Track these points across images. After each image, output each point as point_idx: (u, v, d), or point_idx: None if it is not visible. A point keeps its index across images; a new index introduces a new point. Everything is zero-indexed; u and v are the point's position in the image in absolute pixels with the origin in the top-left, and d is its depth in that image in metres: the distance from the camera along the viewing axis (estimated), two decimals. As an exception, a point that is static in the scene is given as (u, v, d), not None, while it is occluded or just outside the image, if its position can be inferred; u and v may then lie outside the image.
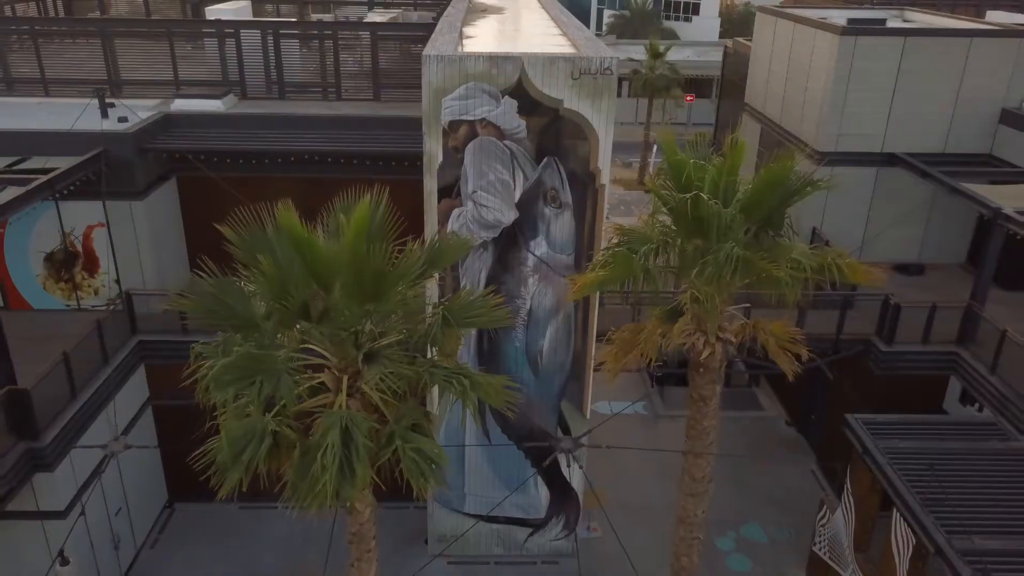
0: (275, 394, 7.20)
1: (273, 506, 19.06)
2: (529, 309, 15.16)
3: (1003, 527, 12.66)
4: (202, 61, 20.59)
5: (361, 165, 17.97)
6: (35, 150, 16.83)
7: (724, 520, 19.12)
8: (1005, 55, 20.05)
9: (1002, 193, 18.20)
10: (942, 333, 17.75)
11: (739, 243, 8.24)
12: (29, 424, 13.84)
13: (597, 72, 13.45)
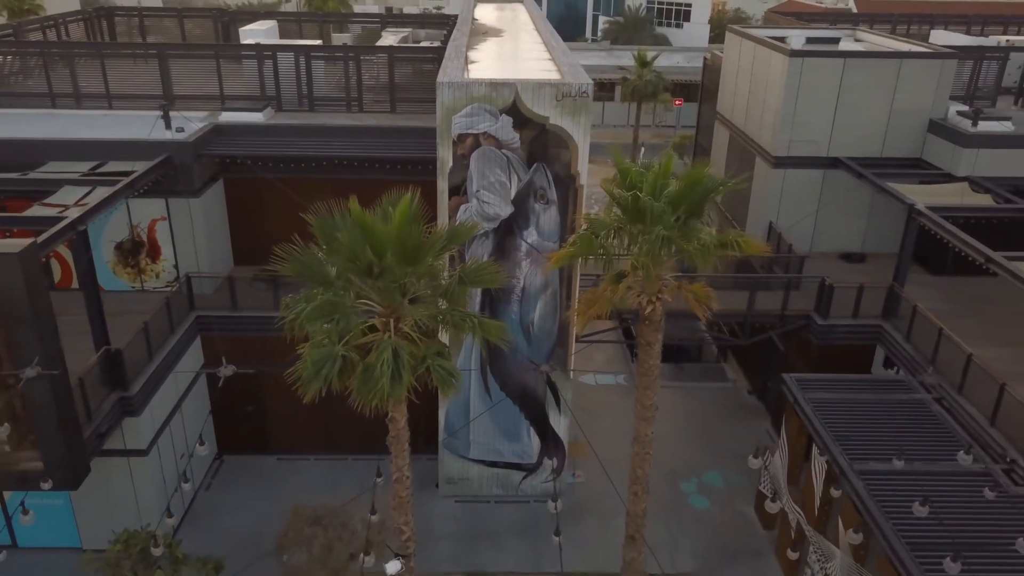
0: (345, 328, 10.53)
1: (305, 458, 22.59)
2: (522, 287, 18.57)
3: (894, 446, 16.00)
4: (244, 79, 23.93)
5: (380, 168, 21.25)
6: (112, 156, 20.15)
7: (689, 469, 22.55)
8: (930, 74, 23.42)
9: (922, 191, 21.61)
10: (870, 310, 21.14)
11: (667, 227, 11.59)
12: (121, 377, 17.23)
13: (576, 95, 16.84)
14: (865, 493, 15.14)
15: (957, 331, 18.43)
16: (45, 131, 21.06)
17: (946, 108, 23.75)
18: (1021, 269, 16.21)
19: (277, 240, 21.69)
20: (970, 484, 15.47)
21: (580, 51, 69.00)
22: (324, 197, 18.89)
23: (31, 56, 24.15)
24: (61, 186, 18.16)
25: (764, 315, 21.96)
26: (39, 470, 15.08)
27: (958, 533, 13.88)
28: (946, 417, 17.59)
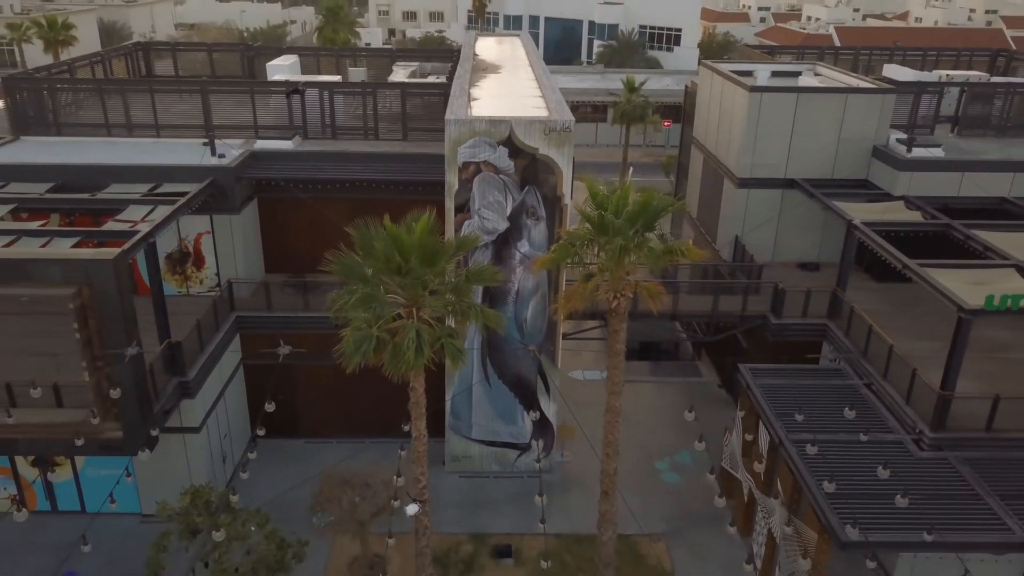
0: (378, 315, 13.84)
1: (329, 441, 25.76)
2: (517, 290, 21.94)
3: (824, 428, 19.33)
4: (274, 110, 27.39)
5: (393, 189, 24.68)
6: (166, 179, 23.51)
7: (662, 451, 25.83)
8: (873, 106, 26.89)
9: (863, 208, 24.96)
10: (819, 311, 24.49)
11: (625, 239, 14.90)
12: (180, 365, 20.56)
13: (561, 129, 20.29)
14: (797, 458, 18.44)
15: (892, 329, 21.73)
16: (106, 157, 24.51)
17: (887, 136, 27.16)
18: (928, 274, 19.57)
19: (303, 251, 25.37)
20: (885, 451, 18.79)
21: (575, 74, 72.95)
22: (344, 214, 22.53)
23: (91, 91, 27.59)
24: (127, 205, 21.55)
25: (727, 315, 25.34)
26: (119, 439, 18.41)
27: (869, 486, 17.19)
28: (872, 398, 20.93)
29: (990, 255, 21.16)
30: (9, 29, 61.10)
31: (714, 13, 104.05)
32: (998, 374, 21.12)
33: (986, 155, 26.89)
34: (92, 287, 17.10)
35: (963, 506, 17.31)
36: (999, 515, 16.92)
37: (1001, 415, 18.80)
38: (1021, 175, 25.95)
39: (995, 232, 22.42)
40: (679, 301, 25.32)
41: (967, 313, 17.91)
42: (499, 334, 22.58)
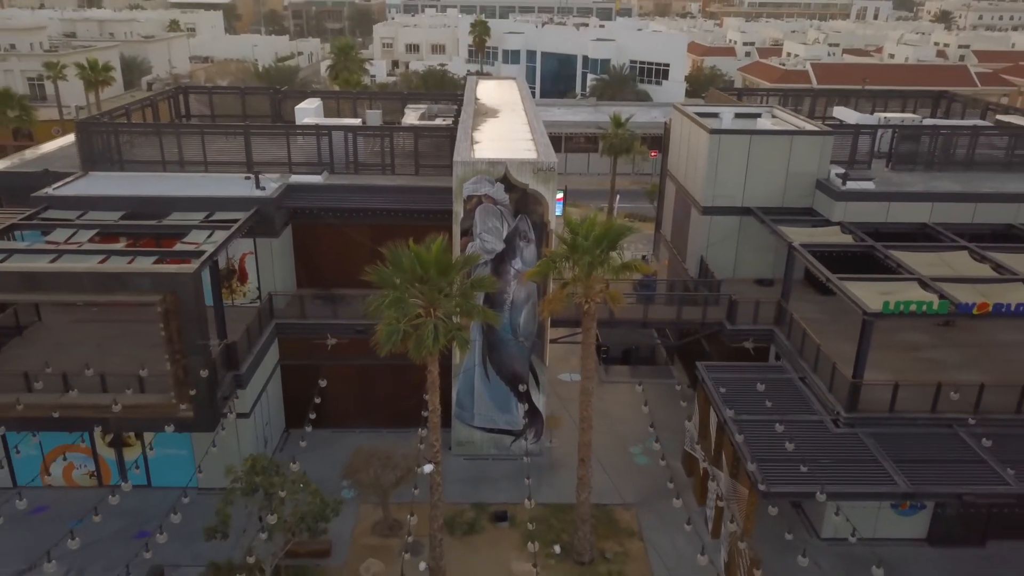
0: (404, 313, 18.35)
1: (351, 431, 30.21)
2: (511, 300, 26.50)
3: (760, 410, 23.78)
4: (305, 149, 32.07)
5: (407, 216, 29.29)
6: (218, 208, 28.09)
7: (636, 439, 30.22)
8: (814, 146, 31.59)
9: (805, 232, 29.54)
10: (766, 319, 29.03)
11: (592, 256, 19.40)
12: (235, 361, 25.07)
13: (546, 169, 24.97)
14: (741, 438, 22.89)
15: (825, 333, 26.22)
16: (165, 190, 29.14)
17: (828, 170, 31.83)
18: (845, 286, 24.14)
19: (329, 269, 29.90)
20: (812, 429, 23.29)
21: (569, 107, 78.12)
22: (365, 238, 27.30)
23: (150, 133, 32.30)
24: (191, 230, 26.15)
25: (690, 323, 29.93)
26: (190, 417, 22.89)
27: (791, 455, 21.65)
28: (804, 389, 25.46)
29: (901, 271, 25.75)
30: (46, 67, 66.14)
31: (702, 47, 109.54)
32: (907, 368, 25.63)
33: (910, 187, 31.57)
34: (175, 295, 21.68)
35: (865, 468, 21.79)
36: (891, 474, 21.37)
37: (901, 400, 23.32)
38: (940, 204, 30.59)
39: (909, 252, 27.03)
40: (649, 311, 29.95)
41: (868, 316, 22.49)
42: (497, 337, 27.22)
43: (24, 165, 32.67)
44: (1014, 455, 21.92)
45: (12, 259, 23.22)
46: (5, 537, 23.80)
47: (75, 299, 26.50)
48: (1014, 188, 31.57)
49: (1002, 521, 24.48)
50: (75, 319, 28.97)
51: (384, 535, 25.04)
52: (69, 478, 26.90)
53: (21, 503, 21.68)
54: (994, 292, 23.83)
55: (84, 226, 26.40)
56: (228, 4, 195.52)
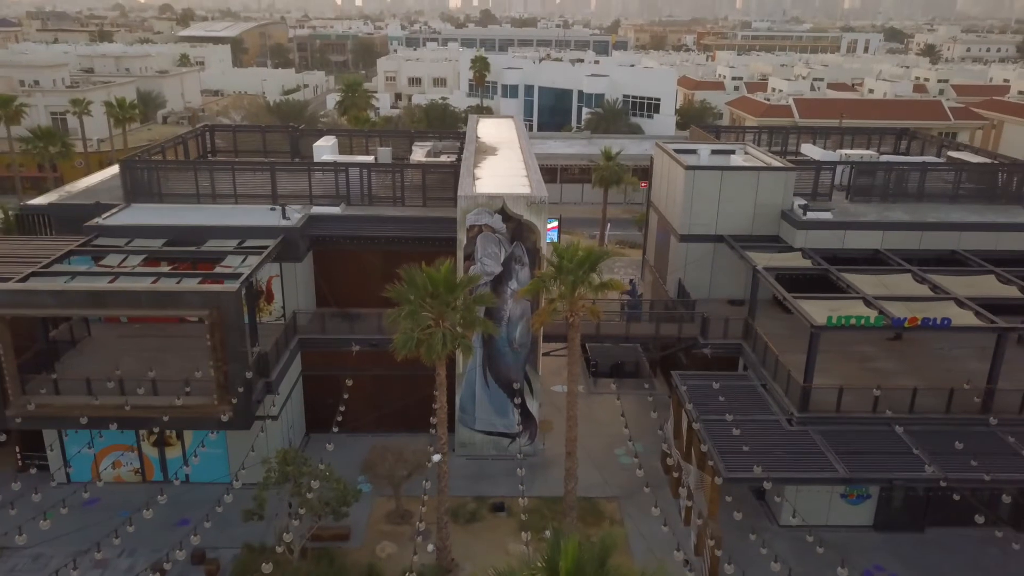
0: (417, 323, 21.94)
1: (366, 435, 33.78)
2: (508, 316, 30.13)
3: (725, 411, 27.27)
4: (325, 183, 35.85)
5: (416, 243, 33.00)
6: (249, 236, 31.81)
7: (620, 443, 33.63)
8: (779, 181, 35.39)
9: (770, 257, 33.24)
10: (736, 334, 32.63)
11: (575, 276, 23.01)
12: (266, 369, 28.64)
13: (539, 202, 28.72)
14: (707, 434, 26.40)
15: (786, 346, 29.72)
16: (201, 220, 32.85)
17: (791, 202, 35.60)
18: (798, 304, 27.77)
19: (346, 290, 33.48)
20: (768, 427, 26.83)
21: (565, 139, 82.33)
22: (379, 263, 30.96)
23: (186, 168, 36.10)
24: (226, 255, 29.85)
25: (668, 338, 33.55)
26: (230, 417, 26.42)
27: (755, 451, 25.17)
28: (764, 394, 29.03)
29: (850, 291, 29.42)
30: (72, 104, 70.36)
31: (693, 81, 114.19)
32: (858, 376, 29.19)
33: (864, 217, 35.34)
34: (220, 310, 25.32)
35: (812, 459, 25.28)
36: (833, 464, 24.86)
37: (846, 402, 26.89)
38: (889, 232, 34.35)
39: (859, 275, 30.70)
40: (631, 327, 33.61)
41: (815, 328, 26.13)
42: (496, 348, 30.83)
43: (72, 197, 36.54)
44: (940, 448, 25.38)
45: (76, 280, 26.94)
46: (67, 524, 27.13)
47: (132, 314, 30.11)
48: (957, 218, 35.36)
49: (939, 510, 27.92)
50: (120, 334, 32.59)
51: (396, 523, 28.46)
52: (117, 474, 30.33)
53: (86, 495, 25.13)
54: (927, 309, 27.48)
55: (133, 252, 30.14)
56: (235, 38, 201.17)
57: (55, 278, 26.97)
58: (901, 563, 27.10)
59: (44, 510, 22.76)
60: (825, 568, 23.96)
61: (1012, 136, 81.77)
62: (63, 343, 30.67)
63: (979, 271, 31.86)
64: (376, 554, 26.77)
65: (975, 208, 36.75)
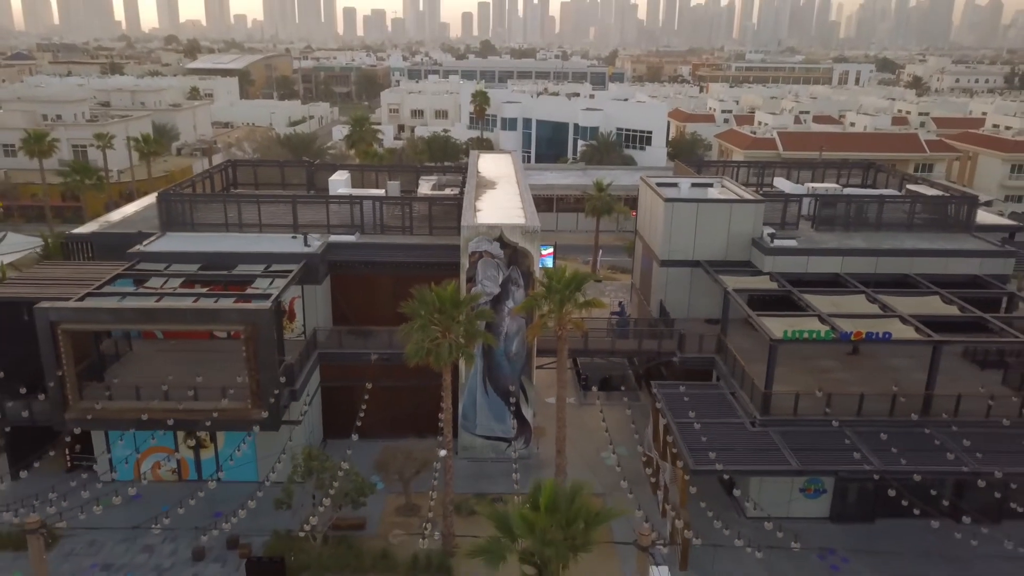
0: (427, 335, 25.71)
1: (378, 440, 37.42)
2: (505, 331, 33.96)
3: (696, 415, 31.00)
4: (341, 214, 39.81)
5: (423, 268, 36.85)
6: (274, 261, 35.69)
7: (606, 447, 37.31)
8: (749, 212, 39.35)
9: (740, 281, 37.10)
10: (709, 349, 36.41)
11: (561, 294, 26.77)
12: (292, 378, 32.39)
13: (532, 231, 32.66)
14: (679, 434, 30.10)
15: (754, 359, 33.48)
16: (230, 247, 36.74)
17: (761, 231, 39.54)
18: (760, 320, 31.58)
19: (360, 310, 37.30)
20: (734, 429, 30.54)
21: (561, 170, 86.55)
22: (390, 285, 34.86)
23: (217, 200, 40.10)
24: (256, 278, 33.73)
25: (649, 352, 37.33)
26: (262, 419, 30.12)
27: (720, 449, 28.87)
28: (732, 400, 32.77)
29: (808, 310, 33.25)
30: (96, 137, 74.72)
31: (684, 114, 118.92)
32: (815, 385, 32.90)
33: (826, 244, 39.28)
34: (255, 326, 29.14)
35: (770, 455, 28.98)
36: (787, 458, 28.55)
37: (802, 407, 30.63)
38: (848, 258, 38.26)
39: (818, 295, 34.55)
40: (616, 343, 37.42)
41: (773, 341, 29.94)
42: (495, 360, 34.61)
43: (111, 227, 40.54)
44: (883, 445, 29.09)
45: (125, 300, 30.81)
46: (118, 514, 30.80)
47: (177, 329, 33.88)
48: (910, 245, 39.30)
49: (888, 503, 31.45)
50: (158, 349, 36.36)
51: (406, 515, 32.04)
52: (156, 474, 33.95)
53: (132, 491, 28.83)
54: (874, 325, 31.33)
55: (172, 275, 34.04)
56: (242, 70, 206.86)
57: (107, 298, 30.83)
58: (856, 551, 30.64)
59: (95, 502, 26.38)
60: (785, 553, 27.60)
61: (985, 167, 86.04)
62: (110, 356, 34.44)
63: (927, 292, 35.74)
64: (389, 541, 30.35)
65: (928, 236, 40.71)
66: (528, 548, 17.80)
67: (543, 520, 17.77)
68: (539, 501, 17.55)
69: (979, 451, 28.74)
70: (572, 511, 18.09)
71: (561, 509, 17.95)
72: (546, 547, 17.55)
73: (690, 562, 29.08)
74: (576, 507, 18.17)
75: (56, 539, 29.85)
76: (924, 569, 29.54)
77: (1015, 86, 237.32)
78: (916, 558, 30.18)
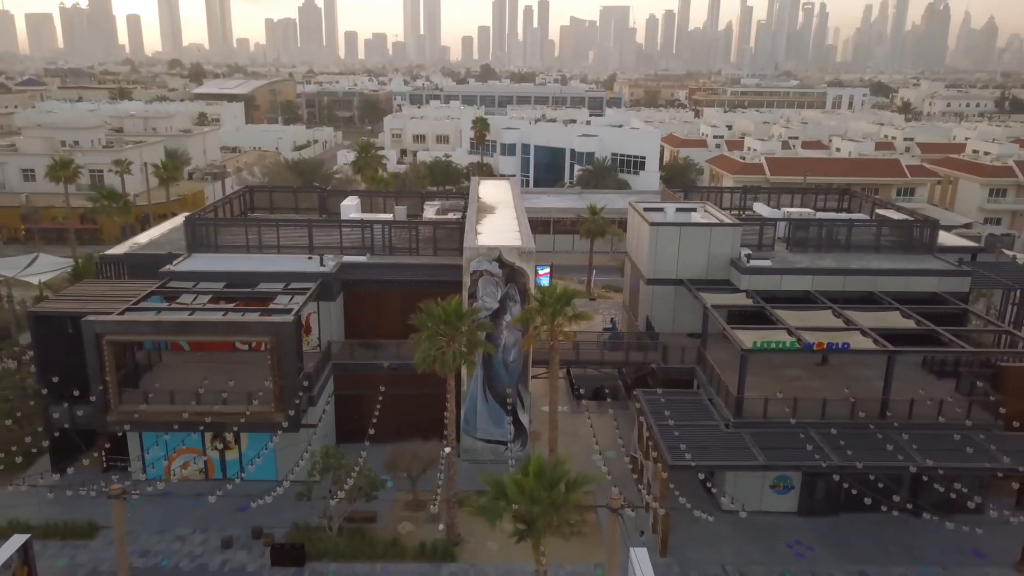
0: (434, 344, 29.08)
1: (387, 444, 40.75)
2: (504, 343, 37.36)
3: (675, 419, 34.33)
4: (353, 236, 43.33)
5: (428, 286, 40.25)
6: (293, 280, 39.14)
7: (595, 450, 40.54)
8: (728, 235, 42.88)
9: (718, 297, 40.51)
10: (690, 360, 39.78)
11: (554, 309, 30.13)
12: (311, 386, 35.73)
13: (528, 252, 36.16)
14: (658, 434, 33.41)
15: (731, 369, 36.63)
16: (252, 266, 40.19)
17: (739, 252, 43.03)
18: (734, 333, 34.98)
19: (370, 324, 40.88)
20: (709, 430, 33.86)
21: (558, 194, 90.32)
22: (398, 301, 38.38)
23: (239, 224, 43.64)
24: (277, 296, 37.18)
25: (636, 363, 40.70)
26: (283, 421, 33.44)
27: (696, 447, 32.18)
28: (709, 405, 36.11)
29: (779, 323, 36.66)
30: (115, 164, 78.55)
31: (678, 139, 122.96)
32: (785, 392, 36.24)
33: (798, 264, 42.77)
34: (279, 337, 32.54)
35: (740, 452, 32.28)
36: (756, 456, 31.85)
37: (771, 410, 33.96)
38: (818, 276, 41.73)
39: (788, 311, 37.99)
40: (606, 355, 40.81)
41: (744, 351, 33.34)
42: (494, 369, 37.98)
43: (141, 248, 44.07)
44: (842, 445, 32.38)
45: (162, 314, 34.23)
46: (149, 510, 34.05)
47: (209, 340, 37.23)
48: (876, 265, 42.78)
49: (851, 499, 34.71)
50: (185, 360, 39.73)
51: (413, 510, 35.27)
52: (185, 473, 37.18)
53: (161, 485, 32.06)
54: (836, 337, 34.74)
55: (201, 292, 37.50)
56: (247, 95, 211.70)
57: (145, 312, 34.27)
58: (818, 540, 33.83)
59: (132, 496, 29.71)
60: (756, 543, 30.81)
61: (965, 191, 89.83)
62: (143, 366, 37.81)
63: (888, 308, 39.17)
64: (398, 532, 33.55)
65: (892, 257, 44.21)
66: (520, 509, 21.17)
67: (531, 484, 21.32)
68: (529, 469, 20.96)
69: (925, 450, 32.02)
70: (555, 476, 21.63)
71: (546, 475, 21.42)
72: (533, 505, 20.93)
73: (669, 549, 32.28)
74: (558, 473, 21.63)
75: (97, 529, 33.06)
76: (881, 557, 32.70)
77: (1005, 110, 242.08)
78: (875, 548, 33.36)
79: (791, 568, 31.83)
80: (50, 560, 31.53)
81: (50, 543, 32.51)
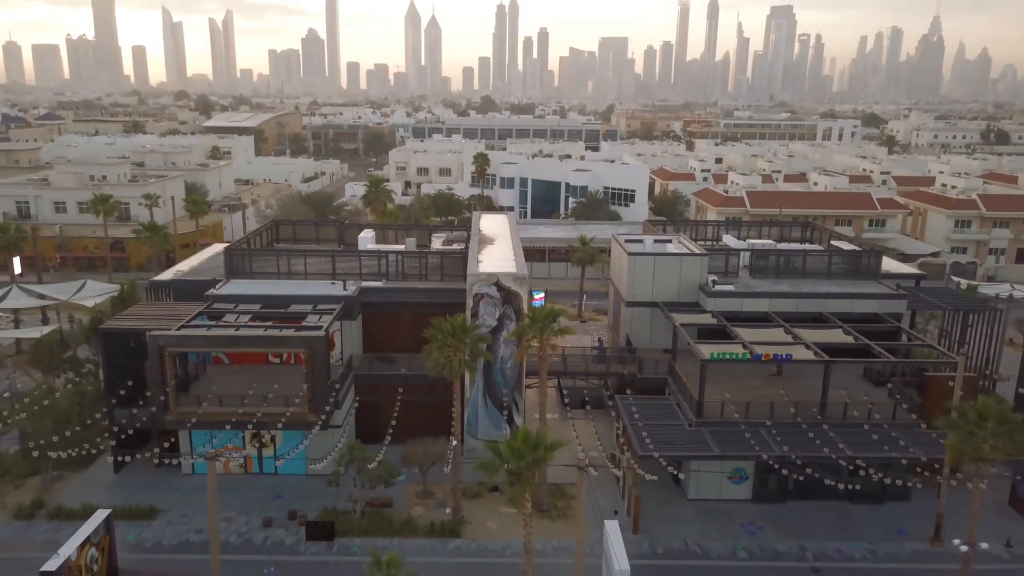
0: (443, 353, 35.32)
1: (402, 442, 46.98)
2: (501, 355, 43.60)
3: (646, 419, 40.48)
4: (370, 264, 49.71)
5: (436, 307, 46.53)
6: (320, 302, 45.46)
7: (582, 451, 46.60)
8: (696, 263, 49.27)
9: (687, 317, 46.81)
10: (663, 371, 45.98)
11: (542, 324, 36.38)
12: (337, 393, 41.91)
13: (521, 277, 42.55)
14: (630, 431, 39.53)
15: (696, 378, 42.95)
16: (284, 291, 46.56)
17: (707, 278, 49.38)
18: (696, 346, 41.21)
19: (386, 340, 47.44)
20: (675, 428, 40.03)
21: (553, 225, 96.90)
22: (410, 321, 45.05)
23: (271, 254, 50.06)
24: (307, 315, 43.51)
25: (616, 374, 46.93)
26: (315, 420, 39.59)
27: (662, 442, 38.33)
28: (676, 408, 42.30)
29: (736, 339, 42.93)
30: (145, 198, 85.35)
31: (668, 173, 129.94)
32: (744, 397, 42.40)
33: (757, 288, 49.14)
34: (312, 348, 38.82)
35: (699, 446, 38.40)
36: (712, 449, 37.98)
37: (727, 412, 40.13)
38: (775, 299, 48.06)
39: (746, 328, 44.26)
40: (590, 367, 47.07)
41: (703, 360, 39.60)
42: (493, 379, 44.22)
43: (184, 275, 50.49)
44: (785, 440, 38.50)
45: (212, 330, 40.55)
46: (203, 496, 40.05)
47: (252, 351, 43.48)
48: (825, 289, 49.15)
49: (797, 488, 40.72)
50: (225, 371, 45.96)
51: (424, 498, 41.30)
52: (227, 467, 43.24)
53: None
54: (782, 349, 41.02)
55: (241, 312, 43.85)
56: (256, 128, 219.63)
57: (197, 328, 40.59)
58: (769, 522, 39.81)
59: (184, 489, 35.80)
60: (713, 523, 36.82)
61: (933, 222, 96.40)
62: (191, 376, 44.07)
63: (833, 326, 45.46)
64: (411, 514, 39.58)
65: (841, 282, 50.60)
66: (511, 466, 27.47)
67: (519, 445, 27.64)
68: (518, 436, 27.40)
69: (853, 445, 38.11)
70: (537, 440, 28.02)
71: (531, 440, 27.72)
72: (520, 460, 27.17)
73: (640, 528, 38.29)
74: (540, 439, 27.97)
75: (157, 512, 39.09)
76: (820, 534, 38.70)
77: (991, 141, 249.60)
78: (815, 527, 39.36)
79: (742, 542, 37.82)
80: (120, 535, 37.51)
81: (119, 523, 38.49)
